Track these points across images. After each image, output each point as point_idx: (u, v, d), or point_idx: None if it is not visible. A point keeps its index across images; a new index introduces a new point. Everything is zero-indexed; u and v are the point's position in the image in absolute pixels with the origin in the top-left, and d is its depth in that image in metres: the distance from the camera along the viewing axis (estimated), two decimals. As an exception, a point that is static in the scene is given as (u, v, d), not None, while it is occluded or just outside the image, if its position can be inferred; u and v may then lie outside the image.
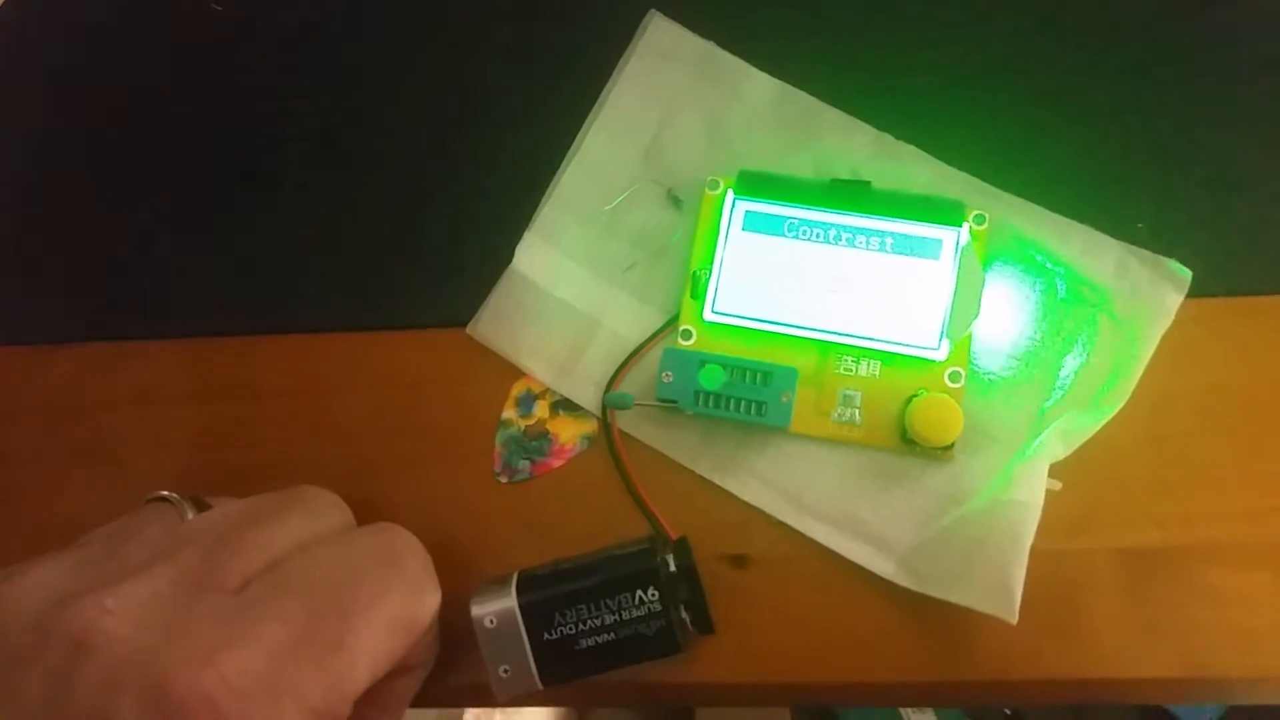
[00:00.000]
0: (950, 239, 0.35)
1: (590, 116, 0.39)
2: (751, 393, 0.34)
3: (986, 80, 0.39)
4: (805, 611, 0.34)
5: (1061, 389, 0.34)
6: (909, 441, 0.34)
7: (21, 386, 0.40)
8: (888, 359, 0.35)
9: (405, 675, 0.31)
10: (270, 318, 0.39)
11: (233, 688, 0.24)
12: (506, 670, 0.31)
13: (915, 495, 0.34)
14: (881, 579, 0.34)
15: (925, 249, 0.36)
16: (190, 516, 0.32)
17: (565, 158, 0.39)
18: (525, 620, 0.31)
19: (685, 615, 0.32)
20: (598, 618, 0.31)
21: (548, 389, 0.37)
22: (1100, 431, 0.34)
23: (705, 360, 0.34)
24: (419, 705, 0.33)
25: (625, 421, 0.36)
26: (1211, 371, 0.35)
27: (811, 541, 0.34)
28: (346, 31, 0.43)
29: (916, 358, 0.35)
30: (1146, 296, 0.35)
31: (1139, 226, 0.36)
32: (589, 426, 0.37)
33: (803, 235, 0.36)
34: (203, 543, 0.28)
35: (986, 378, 0.35)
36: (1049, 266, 0.36)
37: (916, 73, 0.39)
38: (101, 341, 0.40)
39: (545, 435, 0.36)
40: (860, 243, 0.36)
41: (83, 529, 0.30)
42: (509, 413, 0.37)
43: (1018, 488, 0.33)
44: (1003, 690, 0.33)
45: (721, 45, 0.40)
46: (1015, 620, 0.31)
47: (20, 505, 0.38)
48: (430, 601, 0.30)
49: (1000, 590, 0.31)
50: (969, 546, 0.33)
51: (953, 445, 0.34)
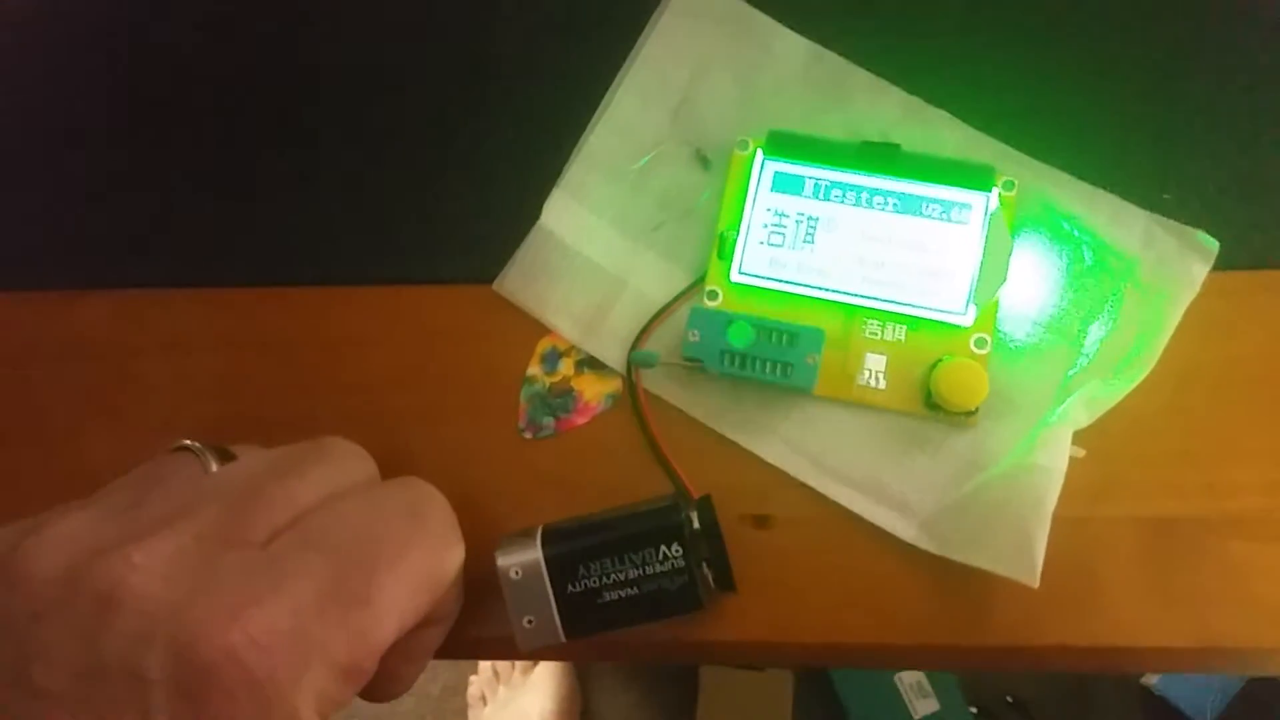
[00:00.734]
0: (979, 204, 0.35)
1: (620, 75, 0.39)
2: (777, 354, 0.34)
3: (1018, 46, 0.39)
4: (826, 573, 0.34)
5: (1086, 357, 0.34)
6: (933, 406, 0.34)
7: (47, 331, 0.39)
8: (914, 323, 0.35)
9: (430, 627, 0.32)
10: (297, 269, 0.39)
11: (259, 645, 0.24)
12: (531, 621, 0.31)
13: (938, 460, 0.34)
14: (903, 542, 0.34)
15: (954, 213, 0.35)
16: (214, 467, 0.32)
17: (594, 116, 0.39)
18: (550, 572, 0.31)
19: (708, 572, 0.32)
20: (621, 572, 0.31)
21: (573, 346, 0.37)
22: (1124, 401, 0.34)
23: (733, 319, 0.34)
24: (441, 657, 0.34)
25: (650, 380, 0.36)
26: (1236, 343, 0.35)
27: (834, 504, 0.34)
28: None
29: (942, 322, 0.35)
30: (1173, 267, 0.35)
31: (1165, 198, 0.36)
32: (613, 385, 0.37)
33: (832, 197, 0.36)
34: (228, 496, 0.28)
35: (1012, 344, 0.35)
36: (1076, 235, 0.36)
37: (948, 37, 0.39)
38: (128, 289, 0.40)
39: (570, 392, 0.37)
40: (889, 206, 0.36)
41: (107, 475, 0.30)
42: (534, 369, 0.37)
43: (1041, 453, 0.33)
44: (1020, 656, 0.34)
45: (752, 4, 0.39)
46: (1037, 584, 0.31)
47: (45, 450, 0.38)
48: (455, 555, 0.30)
49: (1022, 554, 0.32)
50: (991, 511, 0.33)
51: (977, 410, 0.34)
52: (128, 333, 0.39)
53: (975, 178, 0.35)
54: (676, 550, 0.31)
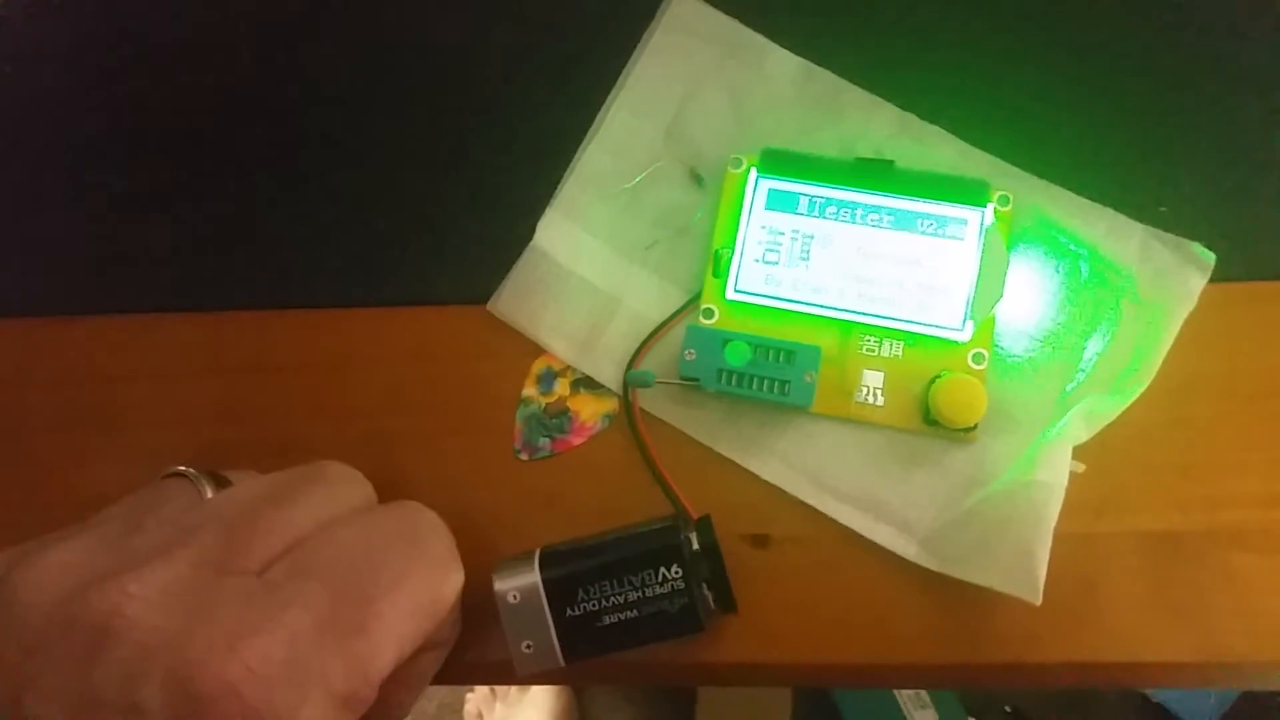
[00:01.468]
0: (975, 219, 0.35)
1: (613, 93, 0.39)
2: (774, 372, 0.34)
3: (1011, 61, 0.39)
4: (826, 592, 0.34)
5: (1084, 371, 0.34)
6: (932, 423, 0.34)
7: (39, 358, 0.39)
8: (911, 339, 0.35)
9: (428, 653, 0.31)
10: (290, 292, 0.39)
11: (257, 676, 0.24)
12: (529, 646, 0.31)
13: (937, 477, 0.34)
14: (903, 560, 0.34)
15: (949, 229, 0.35)
16: (208, 493, 0.31)
17: (587, 135, 0.39)
18: (548, 596, 0.31)
19: (708, 593, 0.32)
20: (620, 594, 0.31)
21: (568, 366, 0.37)
22: (1123, 414, 0.33)
23: (730, 338, 0.34)
24: (439, 683, 0.33)
25: (646, 400, 0.36)
26: (1234, 356, 0.35)
27: (833, 522, 0.34)
28: (370, 3, 0.43)
29: (940, 338, 0.35)
30: (1170, 279, 0.35)
31: (1162, 210, 0.36)
32: (610, 405, 0.36)
33: (826, 214, 0.36)
34: (223, 523, 0.27)
35: (1009, 360, 0.35)
36: (1073, 249, 0.35)
37: (941, 51, 0.39)
38: (119, 314, 0.39)
39: (566, 413, 0.36)
40: (884, 222, 0.36)
41: (99, 501, 0.30)
42: (529, 390, 0.37)
43: (1041, 469, 0.33)
44: (1023, 673, 0.33)
45: (745, 22, 0.39)
46: (1039, 601, 0.31)
47: (37, 477, 0.38)
48: (454, 581, 0.30)
49: (1024, 571, 0.31)
50: (992, 528, 0.33)
51: (976, 426, 0.34)
52: (121, 358, 0.39)
53: (970, 193, 0.35)
54: (676, 571, 0.31)
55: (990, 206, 0.35)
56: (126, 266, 0.40)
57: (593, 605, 0.31)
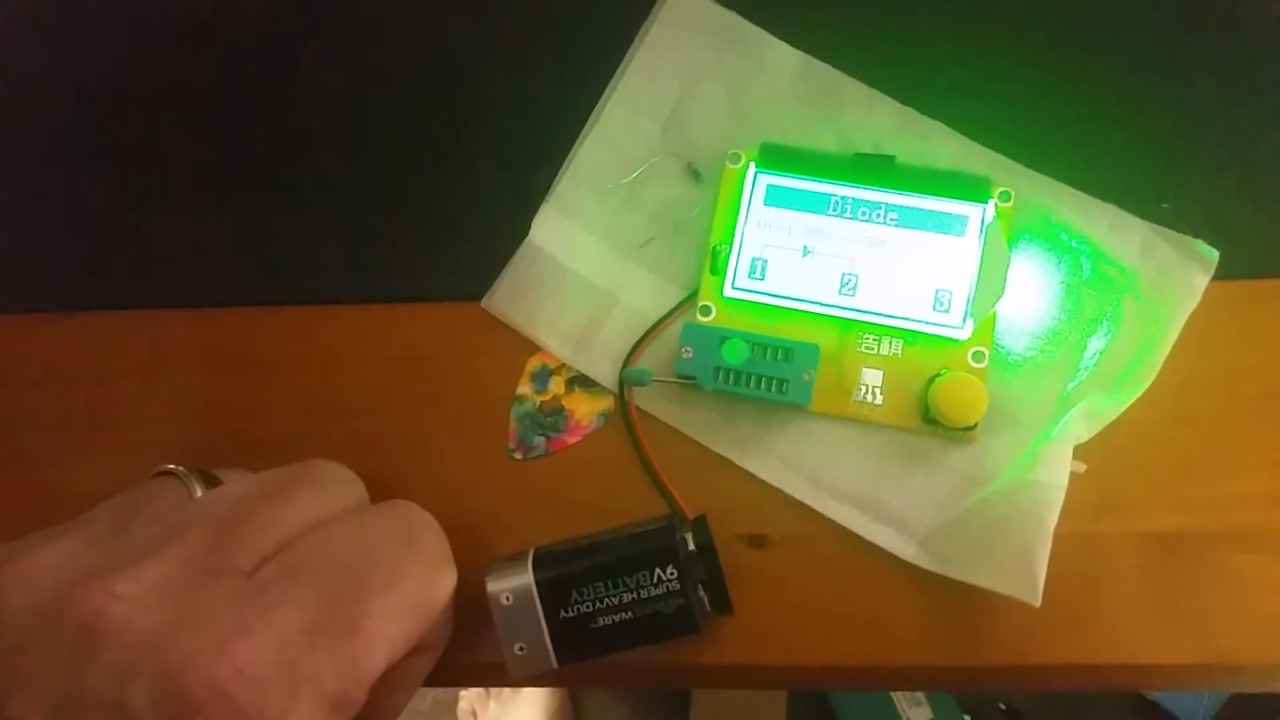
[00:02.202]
0: (975, 216, 0.35)
1: (609, 88, 0.39)
2: (772, 370, 0.33)
3: (1013, 56, 0.38)
4: (824, 593, 0.34)
5: (1086, 370, 0.34)
6: (931, 422, 0.34)
7: (28, 355, 0.39)
8: (910, 337, 0.35)
9: (420, 655, 0.31)
10: (282, 288, 0.39)
11: (246, 677, 0.24)
12: (522, 648, 0.31)
13: (937, 476, 0.34)
14: (902, 561, 0.33)
15: (949, 225, 0.35)
16: (198, 492, 0.31)
17: (584, 130, 0.38)
18: (541, 597, 0.30)
19: (704, 594, 0.31)
20: (615, 596, 0.31)
21: (563, 364, 0.36)
22: (1124, 414, 0.33)
23: (727, 335, 0.33)
24: (430, 684, 0.33)
25: (642, 398, 0.36)
26: (1237, 354, 0.35)
27: (831, 522, 0.34)
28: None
29: (939, 336, 0.34)
30: (1173, 277, 0.34)
31: (1164, 207, 0.36)
32: (605, 403, 0.36)
33: (825, 210, 0.36)
34: (213, 522, 0.27)
35: (1010, 358, 0.34)
36: (1074, 245, 0.35)
37: (942, 46, 0.38)
38: (109, 310, 0.39)
39: (561, 411, 0.36)
40: (883, 218, 0.35)
41: (89, 499, 0.30)
42: (524, 388, 0.36)
43: (1042, 469, 0.32)
44: (1022, 675, 0.33)
45: (743, 15, 0.39)
46: (1038, 602, 0.31)
47: (26, 474, 0.38)
48: (446, 582, 0.30)
49: (1023, 572, 0.31)
50: (991, 528, 0.32)
51: (975, 426, 0.34)
52: (109, 355, 0.38)
53: (971, 189, 0.35)
54: (671, 573, 0.31)
55: (991, 203, 0.35)
56: (117, 263, 0.40)
57: (587, 607, 0.31)
